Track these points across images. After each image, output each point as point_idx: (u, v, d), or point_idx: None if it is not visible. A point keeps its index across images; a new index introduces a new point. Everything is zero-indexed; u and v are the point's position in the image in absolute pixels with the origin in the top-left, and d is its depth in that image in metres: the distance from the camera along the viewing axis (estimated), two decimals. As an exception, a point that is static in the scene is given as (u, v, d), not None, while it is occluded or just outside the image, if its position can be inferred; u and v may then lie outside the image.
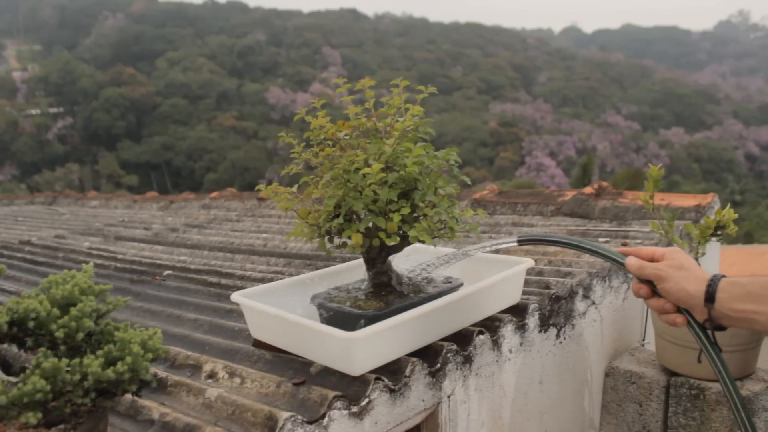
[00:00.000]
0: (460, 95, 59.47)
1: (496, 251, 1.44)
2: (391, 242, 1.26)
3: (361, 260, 1.45)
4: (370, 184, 1.22)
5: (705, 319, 1.06)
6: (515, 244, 1.30)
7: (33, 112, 48.72)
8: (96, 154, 47.29)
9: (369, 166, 1.24)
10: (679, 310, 1.09)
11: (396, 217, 1.22)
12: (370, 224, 1.26)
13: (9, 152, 44.31)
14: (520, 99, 61.40)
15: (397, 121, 1.33)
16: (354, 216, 1.29)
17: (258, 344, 1.40)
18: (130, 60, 58.05)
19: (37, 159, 45.04)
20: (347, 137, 1.34)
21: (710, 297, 1.03)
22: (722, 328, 1.06)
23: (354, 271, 1.60)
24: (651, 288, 1.12)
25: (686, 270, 1.07)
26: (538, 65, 73.04)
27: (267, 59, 62.63)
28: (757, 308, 0.98)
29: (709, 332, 1.08)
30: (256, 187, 1.47)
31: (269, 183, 1.46)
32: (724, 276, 1.05)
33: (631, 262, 1.13)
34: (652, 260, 1.12)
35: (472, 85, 62.69)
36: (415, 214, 1.28)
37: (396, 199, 1.24)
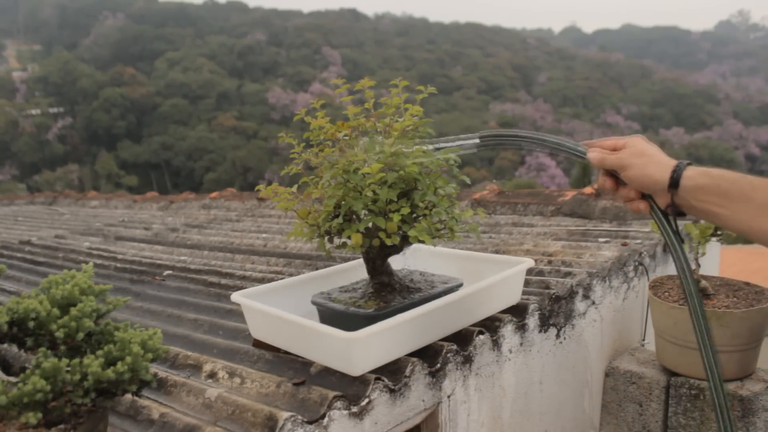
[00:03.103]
0: (460, 95, 59.43)
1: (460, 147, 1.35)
2: (390, 242, 1.26)
3: (361, 260, 1.45)
4: (369, 184, 1.22)
5: (667, 205, 1.06)
6: (477, 141, 1.27)
7: (33, 112, 48.69)
8: (96, 154, 47.27)
9: (368, 165, 1.24)
10: (643, 198, 1.10)
11: (396, 217, 1.22)
12: (370, 224, 1.26)
13: (9, 152, 44.29)
14: (520, 99, 61.36)
15: (397, 121, 1.33)
16: (354, 216, 1.29)
17: (258, 344, 1.40)
18: (130, 60, 58.03)
19: (37, 159, 45.03)
20: (347, 137, 1.34)
21: (674, 182, 1.02)
22: (682, 215, 1.06)
23: (354, 271, 1.60)
24: (615, 180, 1.11)
25: (648, 156, 1.06)
26: (538, 65, 73.00)
27: (267, 59, 62.61)
28: (721, 202, 0.97)
29: (671, 219, 1.08)
30: (256, 188, 1.47)
31: (269, 183, 1.46)
32: (690, 163, 1.04)
33: (592, 154, 1.12)
34: (614, 151, 1.12)
35: (472, 85, 62.65)
36: (414, 215, 1.28)
37: (396, 199, 1.24)
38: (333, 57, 63.51)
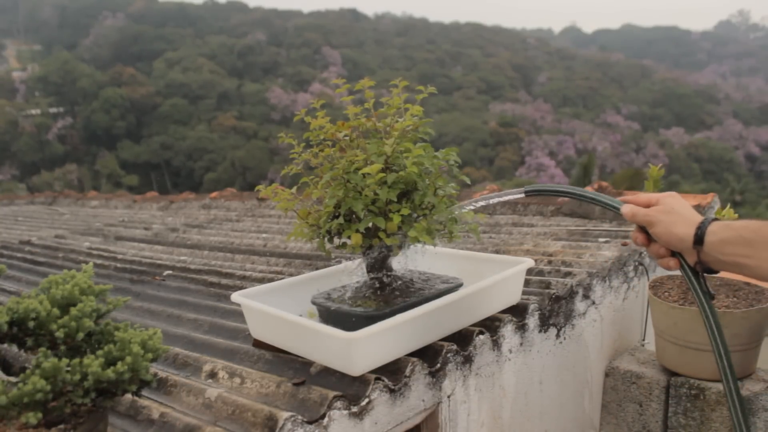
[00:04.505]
0: (460, 95, 59.41)
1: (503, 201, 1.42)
2: (391, 242, 1.26)
3: (360, 260, 1.45)
4: (369, 185, 1.22)
5: (695, 262, 1.07)
6: (522, 195, 1.31)
7: (33, 112, 48.69)
8: (96, 155, 47.26)
9: (369, 165, 1.24)
10: (673, 254, 1.11)
11: (396, 218, 1.22)
12: (370, 224, 1.26)
13: (9, 152, 44.29)
14: (520, 99, 61.37)
15: (397, 121, 1.33)
16: (354, 216, 1.29)
17: (258, 344, 1.40)
18: (130, 60, 58.03)
19: (37, 159, 45.03)
20: (346, 137, 1.34)
21: (699, 240, 1.03)
22: (713, 272, 1.07)
23: (354, 271, 1.60)
24: (646, 234, 1.13)
25: (676, 214, 1.08)
26: (538, 65, 73.02)
27: (267, 59, 62.61)
28: (747, 252, 0.98)
29: (701, 276, 1.09)
30: (257, 188, 1.47)
31: (271, 183, 1.46)
32: (716, 219, 1.05)
33: (625, 209, 1.15)
34: (648, 207, 1.14)
35: (472, 85, 62.63)
36: (414, 215, 1.28)
37: (396, 200, 1.24)
38: (333, 57, 63.49)
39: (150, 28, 64.18)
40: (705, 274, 1.09)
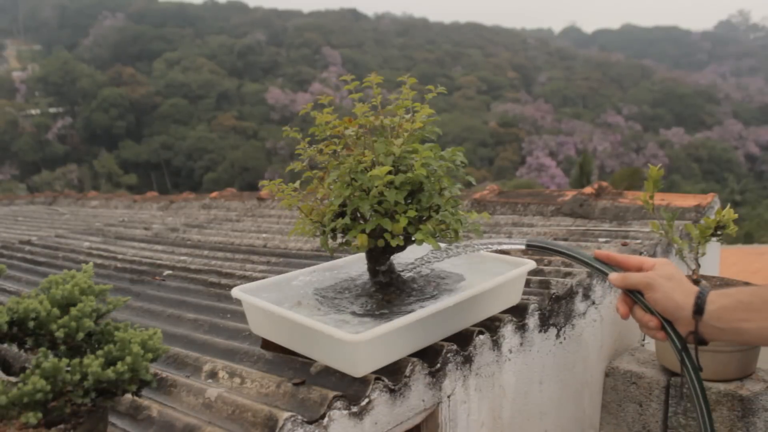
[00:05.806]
0: (460, 95, 59.37)
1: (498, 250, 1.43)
2: (395, 243, 1.26)
3: (362, 255, 1.44)
4: (377, 185, 1.22)
5: (689, 332, 1.03)
6: (522, 247, 1.28)
7: (33, 112, 48.74)
8: (96, 154, 47.25)
9: (376, 166, 1.23)
10: (662, 325, 1.07)
11: (402, 220, 1.21)
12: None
13: (9, 152, 44.30)
14: (520, 99, 61.37)
15: (405, 120, 1.33)
16: (359, 216, 1.29)
17: (258, 343, 1.40)
18: (130, 60, 58.03)
19: (37, 159, 45.04)
20: (353, 134, 1.33)
21: (699, 309, 1.01)
22: (704, 343, 1.04)
23: (355, 266, 1.59)
24: (633, 301, 1.10)
25: (676, 281, 1.05)
26: (538, 65, 73.05)
27: (267, 59, 62.60)
28: (745, 316, 0.97)
29: (692, 348, 1.06)
30: (260, 183, 1.47)
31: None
32: (711, 289, 1.04)
33: (613, 277, 1.10)
34: (640, 270, 1.10)
35: (472, 85, 62.62)
36: (420, 215, 1.28)
37: (403, 201, 1.24)
38: (333, 57, 63.49)
39: (150, 28, 64.15)
40: (697, 346, 1.05)
